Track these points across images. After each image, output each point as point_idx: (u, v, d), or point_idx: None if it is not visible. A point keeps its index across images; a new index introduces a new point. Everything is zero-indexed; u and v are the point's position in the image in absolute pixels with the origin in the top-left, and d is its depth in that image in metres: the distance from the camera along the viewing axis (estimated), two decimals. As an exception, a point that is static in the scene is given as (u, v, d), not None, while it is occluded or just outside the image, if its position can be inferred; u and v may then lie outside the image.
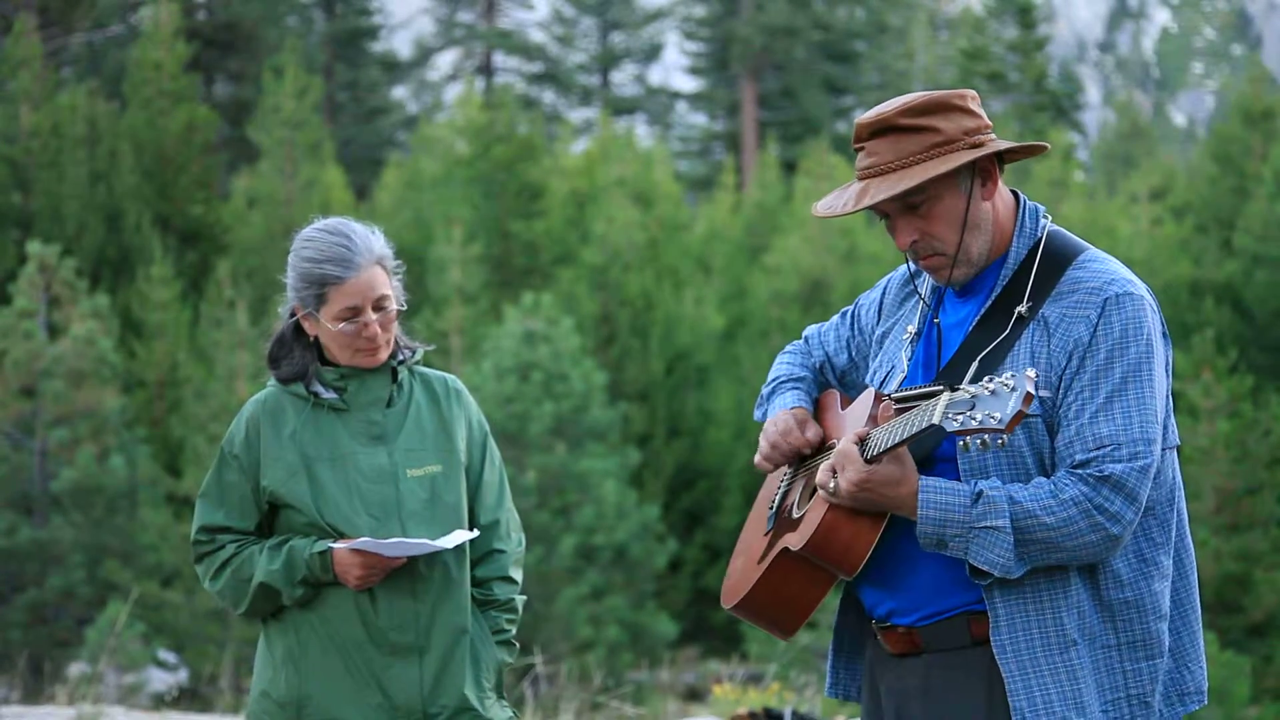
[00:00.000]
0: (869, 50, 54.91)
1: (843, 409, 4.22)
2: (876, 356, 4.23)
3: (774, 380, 4.40)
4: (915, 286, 4.19)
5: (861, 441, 3.84)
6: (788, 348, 4.49)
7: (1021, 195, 4.04)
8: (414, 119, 48.95)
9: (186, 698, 19.99)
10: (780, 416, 4.22)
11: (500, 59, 57.07)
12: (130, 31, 38.93)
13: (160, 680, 20.52)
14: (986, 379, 3.60)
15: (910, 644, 3.98)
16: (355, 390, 4.70)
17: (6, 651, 19.89)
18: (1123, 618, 3.88)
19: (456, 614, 4.68)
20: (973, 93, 3.97)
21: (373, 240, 4.66)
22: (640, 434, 27.39)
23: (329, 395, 4.69)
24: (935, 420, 3.63)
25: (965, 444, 3.64)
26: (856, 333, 4.35)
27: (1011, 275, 3.96)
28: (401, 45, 59.96)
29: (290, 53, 31.08)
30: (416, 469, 4.68)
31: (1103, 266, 3.92)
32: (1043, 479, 3.80)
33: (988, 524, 3.74)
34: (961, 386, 3.64)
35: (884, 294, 4.29)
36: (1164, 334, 3.93)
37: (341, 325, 4.62)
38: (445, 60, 59.75)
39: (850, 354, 4.36)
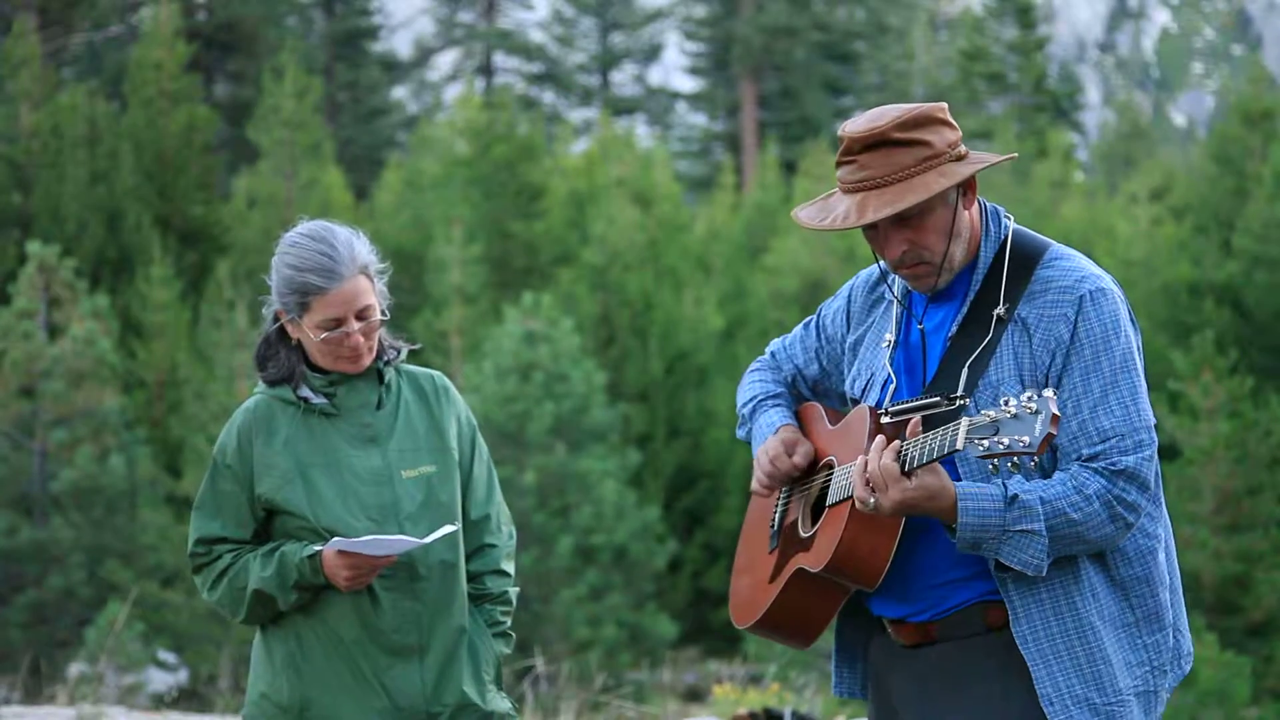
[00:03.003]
0: (869, 50, 54.91)
1: (831, 424, 4.26)
2: (852, 365, 4.29)
3: (752, 399, 4.48)
4: (886, 290, 4.26)
5: (897, 456, 3.89)
6: (754, 365, 4.56)
7: (981, 199, 4.15)
8: (414, 119, 48.94)
9: (186, 698, 19.99)
10: (770, 444, 4.29)
11: (500, 59, 57.08)
12: (130, 31, 38.93)
13: (160, 680, 20.52)
14: (1004, 400, 3.70)
15: (925, 635, 4.08)
16: (344, 394, 4.69)
17: (6, 651, 19.88)
18: (1136, 594, 4.03)
19: (457, 614, 4.69)
20: (945, 104, 4.08)
21: (356, 247, 4.64)
22: (640, 434, 27.39)
23: (318, 400, 4.69)
24: (959, 446, 3.72)
25: (995, 466, 3.71)
26: (825, 342, 4.41)
27: (983, 279, 4.07)
28: (401, 45, 59.97)
29: (290, 53, 31.07)
30: (411, 470, 4.68)
31: (1070, 264, 4.05)
32: (1061, 474, 3.93)
33: (1023, 528, 3.86)
34: (981, 410, 3.76)
35: (849, 301, 4.35)
36: (1132, 320, 4.07)
37: (324, 334, 4.61)
38: (445, 60, 59.77)
39: (821, 363, 4.43)
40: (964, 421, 3.72)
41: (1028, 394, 3.66)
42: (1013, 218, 4.16)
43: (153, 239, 27.20)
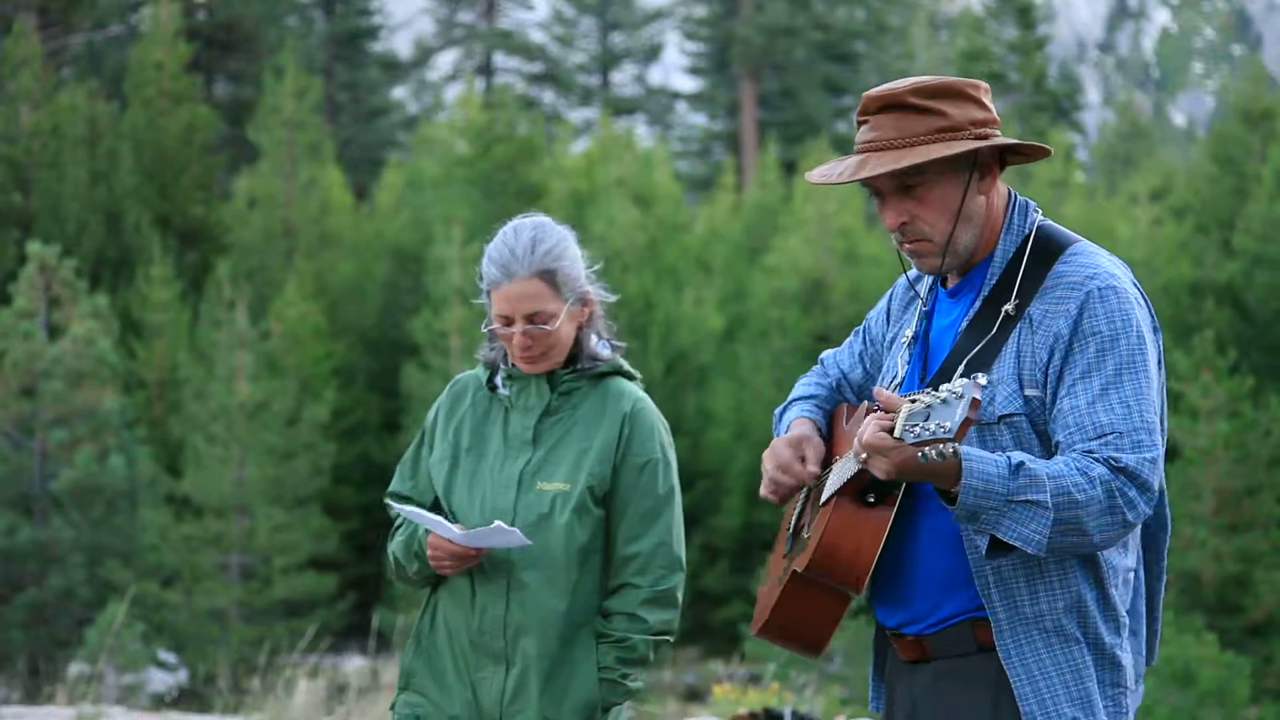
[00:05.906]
0: (869, 50, 54.91)
1: (846, 422, 4.19)
2: (885, 363, 4.22)
3: (788, 400, 4.36)
4: (916, 290, 4.16)
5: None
6: (807, 372, 4.47)
7: (1013, 192, 4.00)
8: (414, 119, 48.95)
9: (186, 698, 19.99)
10: (777, 447, 4.13)
11: (500, 59, 57.08)
12: (130, 31, 38.93)
13: (160, 680, 20.53)
14: (944, 386, 3.52)
15: (920, 651, 3.98)
16: (515, 392, 4.73)
17: (6, 651, 19.88)
18: (1114, 610, 3.90)
19: (550, 635, 4.63)
20: (985, 85, 3.94)
21: (539, 250, 4.67)
22: (640, 434, 27.33)
23: (504, 391, 4.74)
24: (898, 433, 3.56)
25: (925, 454, 3.51)
26: (869, 344, 4.32)
27: (999, 274, 3.93)
28: (401, 45, 59.96)
29: (290, 53, 31.08)
30: (546, 483, 4.65)
31: (1086, 260, 3.88)
32: (1063, 457, 3.74)
33: (1027, 498, 3.65)
34: (917, 396, 3.57)
35: (890, 301, 4.27)
36: (1154, 327, 3.90)
37: (495, 326, 4.69)
38: (445, 60, 59.77)
39: (865, 366, 4.32)
40: (905, 408, 3.56)
41: (960, 379, 3.49)
42: (1041, 211, 3.99)
43: (153, 239, 27.21)
